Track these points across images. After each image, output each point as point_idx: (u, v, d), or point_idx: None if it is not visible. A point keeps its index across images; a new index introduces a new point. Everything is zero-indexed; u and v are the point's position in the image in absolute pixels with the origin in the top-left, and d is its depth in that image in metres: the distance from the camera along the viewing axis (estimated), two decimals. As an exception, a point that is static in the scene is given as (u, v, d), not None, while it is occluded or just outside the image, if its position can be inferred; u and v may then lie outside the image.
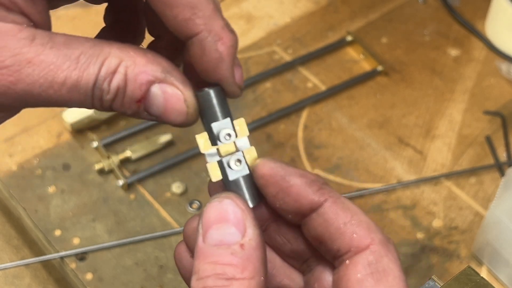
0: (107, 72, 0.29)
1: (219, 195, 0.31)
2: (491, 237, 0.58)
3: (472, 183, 0.67)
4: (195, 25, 0.30)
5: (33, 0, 0.30)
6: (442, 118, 0.73)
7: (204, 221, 0.30)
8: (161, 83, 0.30)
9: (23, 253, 0.59)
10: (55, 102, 0.29)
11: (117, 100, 0.30)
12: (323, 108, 0.73)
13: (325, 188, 0.32)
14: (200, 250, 0.30)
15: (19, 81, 0.28)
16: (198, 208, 0.63)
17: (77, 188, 0.64)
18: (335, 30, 0.81)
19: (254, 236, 0.30)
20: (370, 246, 0.31)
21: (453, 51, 0.80)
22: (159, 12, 0.31)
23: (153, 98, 0.30)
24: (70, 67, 0.29)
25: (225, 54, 0.31)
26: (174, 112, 0.31)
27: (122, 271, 0.59)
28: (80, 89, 0.29)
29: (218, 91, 0.32)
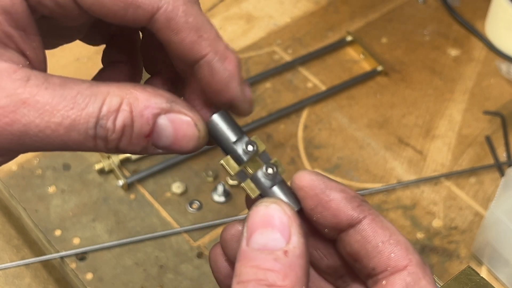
0: (109, 110, 0.29)
1: (266, 200, 0.31)
2: (491, 237, 0.58)
3: (472, 183, 0.67)
4: (202, 47, 0.31)
5: (29, 37, 0.30)
6: (442, 118, 0.73)
7: (249, 225, 0.30)
8: (168, 113, 0.30)
9: (23, 253, 0.59)
10: (54, 143, 0.29)
11: (124, 139, 0.29)
12: (323, 108, 0.73)
13: (365, 205, 0.32)
14: (243, 253, 0.29)
15: (14, 122, 0.28)
16: (198, 208, 0.63)
17: (77, 188, 0.64)
18: (335, 30, 0.81)
19: (298, 244, 0.29)
20: (408, 267, 0.31)
21: (453, 51, 0.80)
22: (164, 39, 0.31)
23: (161, 130, 0.30)
24: (66, 107, 0.28)
25: (233, 72, 0.31)
26: (185, 139, 0.31)
27: (122, 271, 0.59)
28: (79, 129, 0.28)
29: (224, 113, 0.33)
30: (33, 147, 0.29)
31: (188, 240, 0.61)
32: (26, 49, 0.30)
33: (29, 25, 0.30)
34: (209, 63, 0.31)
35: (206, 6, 0.82)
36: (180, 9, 0.30)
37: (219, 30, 0.32)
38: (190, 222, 0.62)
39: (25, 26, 0.30)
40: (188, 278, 0.58)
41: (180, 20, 0.30)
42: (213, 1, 0.83)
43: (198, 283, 0.58)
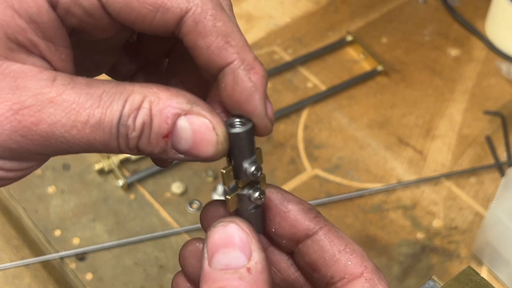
0: (131, 108, 0.28)
1: (223, 220, 0.31)
2: (491, 237, 0.58)
3: (472, 183, 0.67)
4: (229, 54, 0.30)
5: (57, 48, 0.30)
6: (442, 118, 0.73)
7: (209, 245, 0.30)
8: (188, 114, 0.29)
9: (23, 253, 0.59)
10: (79, 144, 0.28)
11: (143, 138, 0.29)
12: (323, 108, 0.73)
13: (321, 217, 0.33)
14: (207, 275, 0.30)
15: (40, 121, 0.28)
16: (198, 208, 0.63)
17: (77, 188, 0.64)
18: (335, 30, 0.81)
19: (260, 259, 0.30)
20: (364, 274, 0.32)
21: (453, 51, 0.80)
22: (191, 44, 0.30)
23: (180, 132, 0.29)
24: (92, 105, 0.28)
25: (258, 84, 0.30)
26: (203, 143, 0.30)
27: (122, 271, 0.59)
28: (104, 127, 0.28)
29: (251, 131, 0.31)
30: (59, 149, 0.29)
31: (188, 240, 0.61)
32: (53, 60, 0.30)
33: (58, 37, 0.30)
34: (234, 71, 0.30)
35: (206, 6, 0.82)
36: (209, 12, 0.30)
37: None
38: (190, 222, 0.62)
39: (53, 37, 0.29)
40: (188, 278, 0.58)
41: (208, 23, 0.30)
42: (213, 1, 0.83)
43: (198, 283, 0.58)
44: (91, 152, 0.29)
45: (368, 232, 0.62)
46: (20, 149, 0.28)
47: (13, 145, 0.28)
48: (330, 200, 0.64)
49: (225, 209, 0.34)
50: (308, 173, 0.67)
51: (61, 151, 0.29)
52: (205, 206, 0.35)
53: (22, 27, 0.28)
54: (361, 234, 0.62)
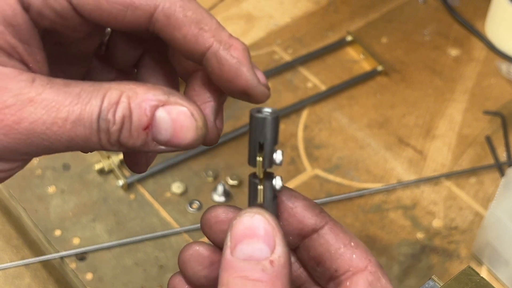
0: (109, 103, 0.29)
1: (250, 210, 0.31)
2: (491, 237, 0.58)
3: (472, 183, 0.67)
4: (205, 39, 0.31)
5: (32, 49, 0.31)
6: (442, 118, 0.73)
7: (233, 235, 0.30)
8: (165, 105, 0.30)
9: (23, 253, 0.59)
10: (60, 141, 0.29)
11: (124, 131, 0.30)
12: (323, 108, 0.73)
13: (325, 213, 0.34)
14: (228, 263, 0.30)
15: (21, 120, 0.28)
16: (198, 208, 0.63)
17: (77, 188, 0.64)
18: (335, 30, 0.81)
19: (283, 254, 0.30)
20: (368, 267, 0.33)
21: (453, 51, 0.80)
22: (168, 38, 0.31)
23: (160, 122, 0.30)
24: (72, 103, 0.29)
25: (241, 57, 0.32)
26: (183, 129, 0.30)
27: (122, 271, 0.59)
28: (84, 122, 0.29)
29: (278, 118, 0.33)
30: (41, 147, 0.29)
31: (188, 240, 0.61)
32: (30, 62, 0.31)
33: (32, 38, 0.31)
34: (215, 53, 0.31)
35: (206, 6, 0.82)
36: (178, 4, 0.31)
37: None
38: (190, 222, 0.62)
39: (28, 39, 0.30)
40: (188, 278, 0.58)
41: (179, 15, 0.31)
42: (213, 1, 0.83)
43: (198, 283, 0.58)
44: (73, 150, 0.30)
45: (368, 232, 0.62)
46: (2, 148, 0.29)
47: None
48: (330, 200, 0.64)
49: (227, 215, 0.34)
50: (308, 173, 0.67)
51: (43, 149, 0.29)
52: (207, 210, 0.35)
53: (1, 30, 0.29)
54: (361, 234, 0.62)
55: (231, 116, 0.70)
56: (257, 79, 0.32)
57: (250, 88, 0.32)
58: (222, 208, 0.34)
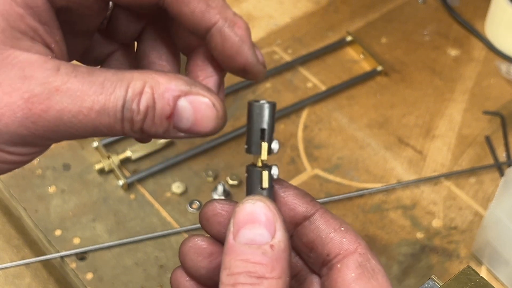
0: (133, 93, 0.30)
1: (252, 197, 0.32)
2: (490, 237, 0.58)
3: (472, 183, 0.67)
4: (212, 16, 0.32)
5: (52, 30, 0.32)
6: (442, 118, 0.73)
7: (236, 220, 0.32)
8: (187, 95, 0.31)
9: (23, 253, 0.60)
10: (85, 128, 0.30)
11: (148, 120, 0.31)
12: (323, 108, 0.73)
13: (315, 201, 0.36)
14: (231, 247, 0.31)
15: (49, 108, 0.29)
16: (198, 208, 0.63)
17: (77, 188, 0.64)
18: (335, 30, 0.81)
19: (282, 238, 0.31)
20: (358, 249, 0.34)
21: (453, 51, 0.80)
22: (175, 13, 0.33)
23: (182, 111, 0.31)
24: (96, 92, 0.30)
25: (244, 36, 0.33)
26: (204, 119, 0.32)
27: (122, 271, 0.59)
28: (109, 111, 0.30)
29: (274, 106, 0.34)
30: (67, 133, 0.30)
31: (188, 240, 0.61)
32: (51, 42, 0.32)
33: (51, 18, 0.32)
34: (220, 29, 0.32)
35: (206, 6, 0.82)
36: None
37: None
38: (190, 222, 0.62)
39: (47, 20, 0.31)
40: (188, 278, 0.58)
41: None
42: (213, 1, 0.83)
43: (198, 283, 0.58)
44: (96, 136, 0.31)
45: (368, 232, 0.62)
46: (30, 135, 0.30)
47: (25, 131, 0.29)
48: (330, 200, 0.64)
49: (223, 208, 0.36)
50: (308, 173, 0.67)
51: (69, 136, 0.30)
52: (205, 204, 0.36)
53: (21, 14, 0.30)
54: (361, 234, 0.62)
55: (231, 116, 0.70)
56: (256, 58, 0.34)
57: (250, 65, 0.34)
58: (218, 202, 0.36)
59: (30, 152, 0.31)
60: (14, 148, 0.30)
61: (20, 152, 0.31)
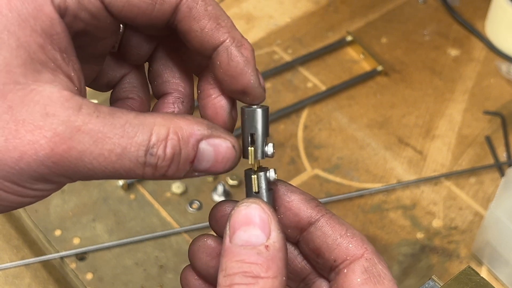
0: (158, 140, 0.30)
1: (246, 200, 0.33)
2: (491, 237, 0.58)
3: (472, 183, 0.67)
4: (221, 34, 0.33)
5: (70, 58, 0.31)
6: (442, 118, 0.73)
7: (231, 223, 0.32)
8: (208, 138, 0.32)
9: (23, 253, 0.59)
10: (106, 171, 0.30)
11: (173, 166, 0.31)
12: (323, 108, 0.73)
13: (322, 206, 0.36)
14: (227, 249, 0.31)
15: (71, 149, 0.29)
16: (198, 208, 0.63)
17: (77, 188, 0.64)
18: (335, 30, 0.81)
19: (278, 239, 0.32)
20: (364, 254, 0.34)
21: (453, 51, 0.80)
22: (186, 29, 0.33)
23: (203, 154, 0.32)
24: (117, 135, 0.30)
25: (249, 58, 0.34)
26: (224, 161, 0.32)
27: (122, 271, 0.59)
28: (130, 156, 0.30)
29: (267, 110, 0.35)
30: (86, 175, 0.30)
31: (188, 240, 0.61)
32: (70, 71, 0.31)
33: (69, 46, 0.31)
34: (227, 48, 0.33)
35: (206, 6, 0.82)
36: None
37: None
38: (190, 222, 0.62)
39: (66, 48, 0.31)
40: (188, 278, 0.58)
41: (201, 8, 0.33)
42: (213, 1, 0.83)
43: (198, 283, 0.58)
44: (116, 179, 0.32)
45: (368, 232, 0.62)
46: (50, 173, 0.29)
47: (46, 170, 0.29)
48: (330, 200, 0.64)
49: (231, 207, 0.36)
50: (308, 173, 0.67)
51: (87, 177, 0.30)
52: (214, 206, 0.37)
53: (41, 44, 0.30)
54: (361, 234, 0.62)
55: (231, 116, 0.70)
56: (258, 81, 0.34)
57: (251, 87, 0.34)
58: (227, 203, 0.36)
59: (48, 188, 0.31)
60: (34, 185, 0.30)
61: (38, 189, 0.30)
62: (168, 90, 0.38)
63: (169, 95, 0.37)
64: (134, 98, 0.38)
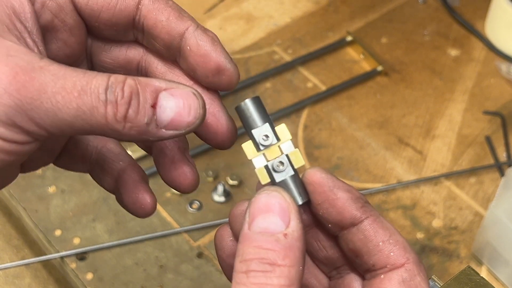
0: (116, 80, 0.31)
1: (268, 188, 0.33)
2: (491, 237, 0.58)
3: (472, 183, 0.67)
4: (185, 21, 0.35)
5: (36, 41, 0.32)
6: (442, 118, 0.73)
7: (251, 210, 0.32)
8: (167, 90, 0.32)
9: (23, 253, 0.59)
10: (69, 107, 0.30)
11: (133, 105, 0.31)
12: (323, 108, 0.73)
13: (368, 206, 0.35)
14: (245, 236, 0.31)
15: (33, 79, 0.29)
16: (198, 208, 0.63)
17: (77, 188, 0.64)
18: (335, 30, 0.81)
19: (297, 228, 0.31)
20: (405, 264, 0.33)
21: (453, 51, 0.80)
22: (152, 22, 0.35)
23: (163, 101, 0.32)
24: (78, 75, 0.30)
25: (215, 38, 0.35)
26: (188, 108, 0.32)
27: (122, 271, 0.59)
28: (91, 92, 0.30)
29: (256, 100, 0.35)
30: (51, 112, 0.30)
31: (188, 240, 0.61)
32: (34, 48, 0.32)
33: (36, 31, 0.33)
34: (194, 32, 0.35)
35: (206, 6, 0.82)
36: None
37: (219, 30, 0.35)
38: (190, 222, 0.62)
39: (32, 30, 0.32)
40: (188, 278, 0.58)
41: (163, 1, 0.35)
42: (213, 1, 0.83)
43: (198, 283, 0.58)
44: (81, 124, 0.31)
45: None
46: (14, 106, 0.29)
47: (10, 101, 0.29)
48: (330, 200, 0.64)
49: None
50: (308, 173, 0.67)
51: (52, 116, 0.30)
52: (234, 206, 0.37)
53: (9, 15, 0.31)
54: (361, 234, 0.62)
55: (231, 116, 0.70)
56: (230, 57, 0.35)
57: (224, 63, 0.35)
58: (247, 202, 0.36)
59: (18, 139, 0.30)
60: (4, 130, 0.30)
61: (13, 138, 0.30)
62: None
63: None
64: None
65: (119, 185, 0.41)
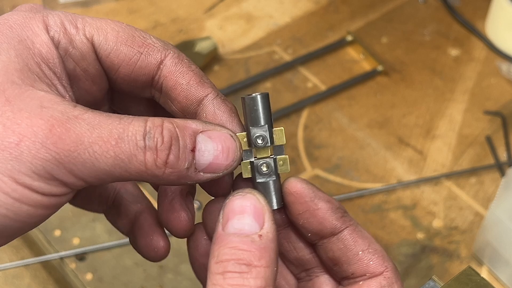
0: (153, 125, 0.30)
1: (242, 190, 0.33)
2: (491, 237, 0.58)
3: (472, 183, 0.67)
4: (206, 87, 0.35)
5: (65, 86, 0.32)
6: (442, 118, 0.73)
7: (226, 211, 0.32)
8: (204, 131, 0.32)
9: (23, 253, 0.59)
10: (106, 156, 0.29)
11: (173, 149, 0.31)
12: (323, 108, 0.73)
13: (347, 216, 0.36)
14: (219, 236, 0.31)
15: (69, 131, 0.29)
16: (198, 208, 0.63)
17: (77, 188, 0.64)
18: (335, 30, 0.81)
19: (271, 229, 0.32)
20: (384, 273, 0.34)
21: (453, 51, 0.80)
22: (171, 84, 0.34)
23: (202, 145, 0.32)
24: (114, 122, 0.30)
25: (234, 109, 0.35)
26: (226, 150, 0.32)
27: (122, 271, 0.59)
28: (129, 140, 0.30)
29: (264, 98, 0.35)
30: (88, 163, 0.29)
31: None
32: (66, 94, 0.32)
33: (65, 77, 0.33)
34: (213, 99, 0.34)
35: (206, 6, 0.82)
36: (185, 57, 0.35)
37: (219, 30, 0.34)
38: (190, 222, 0.62)
39: (61, 76, 0.32)
40: (187, 278, 0.58)
41: (185, 65, 0.34)
42: (213, 1, 0.83)
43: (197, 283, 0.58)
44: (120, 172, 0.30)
45: (368, 232, 0.62)
46: (51, 160, 0.29)
47: (46, 154, 0.29)
48: (330, 200, 0.64)
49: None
50: (308, 173, 0.67)
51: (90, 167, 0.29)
52: (207, 204, 0.37)
53: (38, 62, 0.31)
54: (361, 234, 0.62)
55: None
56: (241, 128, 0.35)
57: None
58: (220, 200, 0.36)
59: (57, 192, 0.30)
60: (39, 183, 0.29)
61: (46, 191, 0.30)
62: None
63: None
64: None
65: (135, 227, 0.40)
